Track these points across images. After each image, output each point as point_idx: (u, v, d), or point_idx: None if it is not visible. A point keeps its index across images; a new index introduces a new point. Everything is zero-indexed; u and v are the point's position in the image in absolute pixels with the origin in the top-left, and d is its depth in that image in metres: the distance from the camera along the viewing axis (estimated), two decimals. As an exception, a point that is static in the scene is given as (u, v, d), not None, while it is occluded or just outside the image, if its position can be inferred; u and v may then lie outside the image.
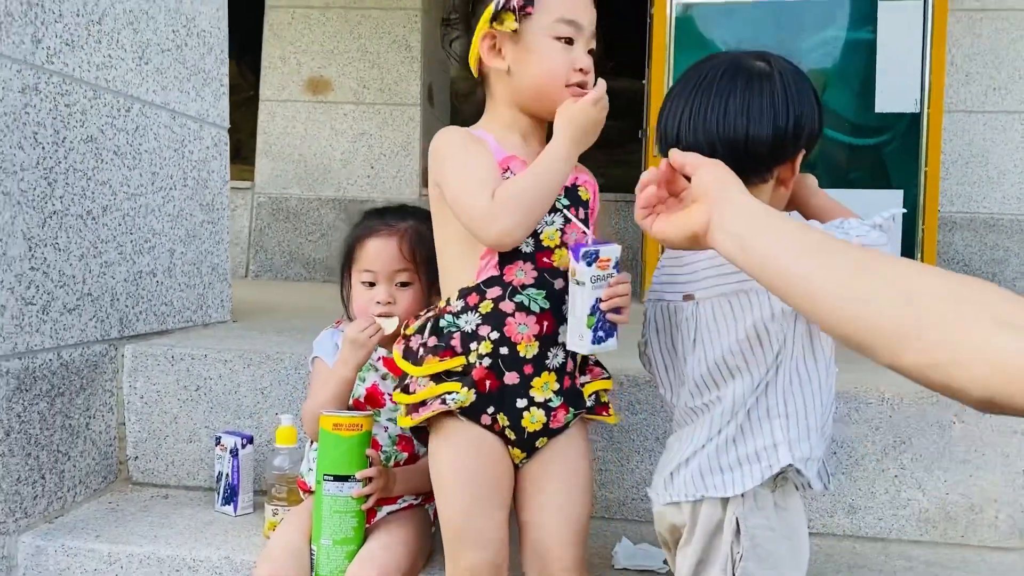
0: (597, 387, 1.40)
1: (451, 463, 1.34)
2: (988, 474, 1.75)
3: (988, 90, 4.49)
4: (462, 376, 1.33)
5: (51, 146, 1.71)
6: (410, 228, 1.61)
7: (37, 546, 1.62)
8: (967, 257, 4.52)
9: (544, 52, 1.33)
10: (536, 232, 1.34)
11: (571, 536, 1.36)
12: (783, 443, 1.17)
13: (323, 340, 1.70)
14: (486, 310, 1.33)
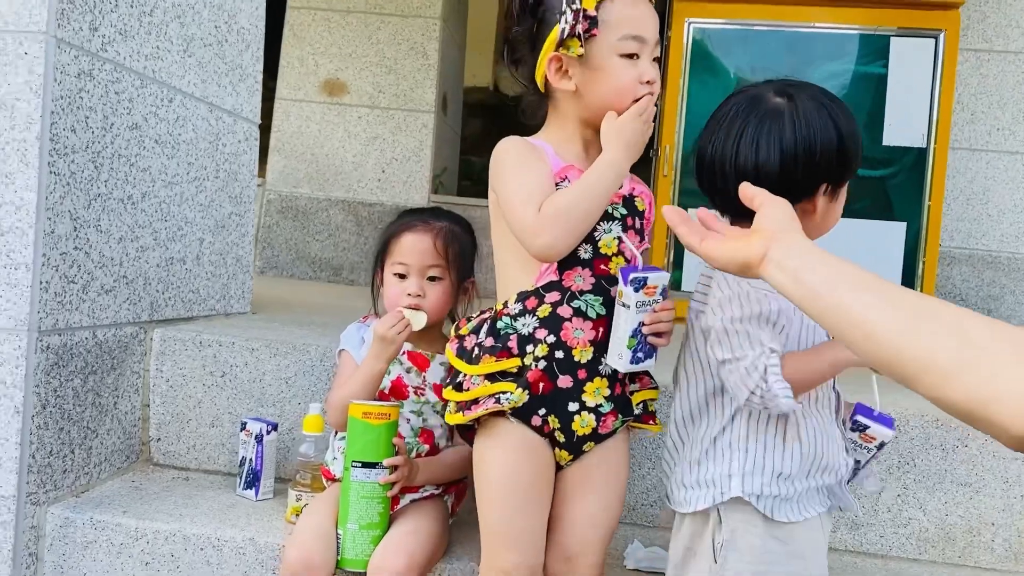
0: (646, 396, 1.46)
1: (499, 464, 1.37)
2: (987, 498, 1.81)
3: (992, 130, 4.57)
4: (516, 377, 1.36)
5: (100, 131, 1.76)
6: (445, 227, 1.68)
7: (66, 518, 1.67)
8: (964, 292, 4.60)
9: (611, 71, 1.37)
10: (595, 239, 1.38)
11: (599, 542, 1.42)
12: (737, 475, 1.25)
13: (350, 333, 1.75)
14: (544, 314, 1.37)
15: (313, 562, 1.45)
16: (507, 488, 1.37)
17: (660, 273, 1.32)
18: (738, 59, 3.99)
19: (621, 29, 1.36)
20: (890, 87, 3.92)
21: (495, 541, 1.38)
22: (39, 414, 1.64)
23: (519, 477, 1.37)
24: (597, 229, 1.38)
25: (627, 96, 1.37)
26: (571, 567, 1.40)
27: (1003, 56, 4.56)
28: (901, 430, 1.82)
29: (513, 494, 1.37)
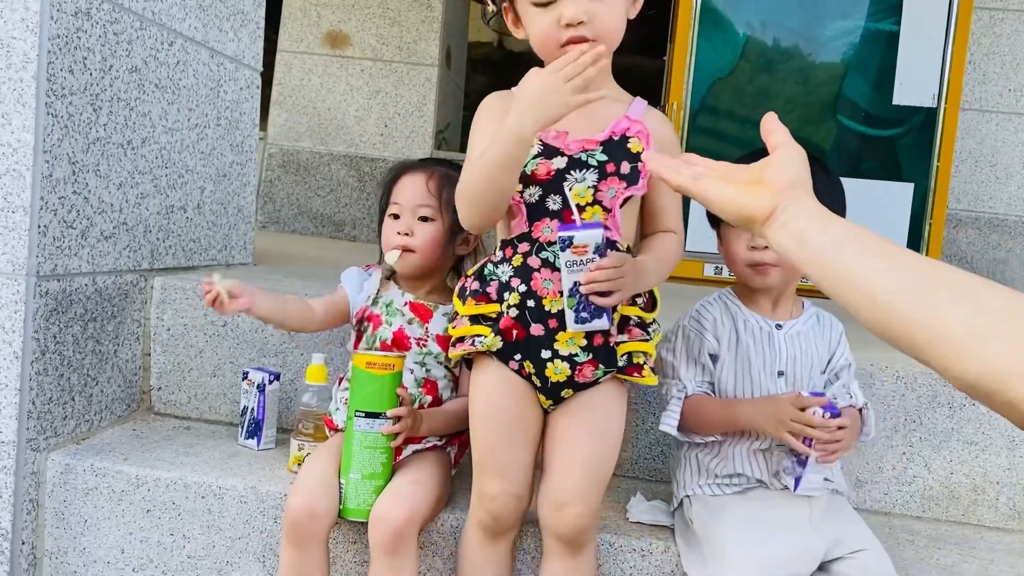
0: (632, 348, 1.42)
1: (483, 398, 1.43)
2: (994, 457, 1.80)
3: (1004, 91, 4.51)
4: (493, 322, 1.40)
5: (98, 73, 1.72)
6: (441, 170, 1.66)
7: (66, 464, 1.66)
8: (970, 256, 4.57)
9: (530, 20, 1.36)
10: (563, 190, 1.36)
11: (588, 487, 1.40)
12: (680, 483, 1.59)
13: (351, 275, 1.74)
14: (517, 263, 1.39)
15: (317, 510, 1.45)
16: (489, 420, 1.43)
17: (590, 231, 1.29)
18: (748, 16, 3.91)
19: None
20: (901, 45, 3.85)
21: (480, 470, 1.44)
22: (38, 360, 1.62)
23: (500, 410, 1.42)
24: (567, 179, 1.36)
25: (549, 42, 1.33)
26: (560, 515, 1.39)
27: (1017, 16, 4.48)
28: (908, 388, 1.80)
29: (495, 426, 1.42)
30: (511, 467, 1.42)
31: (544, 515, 1.43)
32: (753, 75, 3.92)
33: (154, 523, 1.64)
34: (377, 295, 1.68)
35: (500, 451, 1.42)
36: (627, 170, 1.38)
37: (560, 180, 1.37)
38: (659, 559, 1.53)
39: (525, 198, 1.39)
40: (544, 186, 1.38)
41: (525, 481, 1.43)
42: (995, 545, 1.71)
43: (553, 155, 1.38)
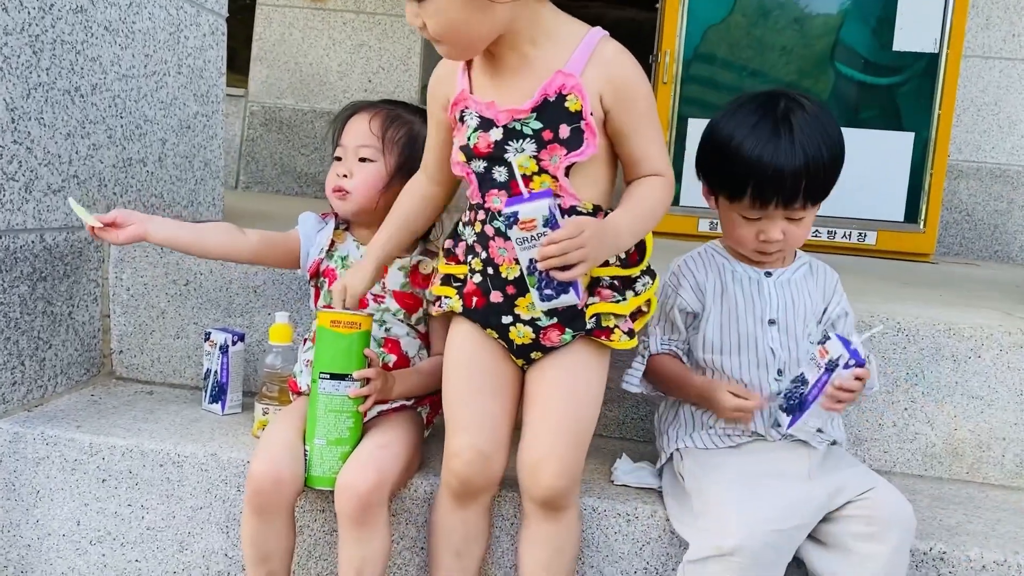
0: (601, 309, 1.33)
1: (453, 352, 1.39)
2: (999, 412, 1.70)
3: (1008, 36, 4.37)
4: (459, 286, 1.36)
5: (37, 11, 1.59)
6: (389, 110, 1.57)
7: (15, 433, 1.56)
8: (970, 207, 4.46)
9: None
10: (507, 162, 1.28)
11: (563, 447, 1.32)
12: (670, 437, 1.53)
13: (308, 218, 1.65)
14: (477, 230, 1.34)
15: (282, 476, 1.35)
16: (459, 373, 1.38)
17: (535, 203, 1.18)
18: (743, -38, 3.77)
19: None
20: (902, -12, 3.71)
21: (449, 423, 1.37)
22: (-19, 322, 1.52)
23: (469, 361, 1.37)
24: (507, 150, 1.28)
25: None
26: (536, 476, 1.31)
27: (1022, -43, 4.33)
28: (910, 340, 1.70)
29: (463, 375, 1.37)
30: (478, 419, 1.34)
31: (521, 477, 1.34)
32: (748, 23, 3.77)
33: (110, 493, 1.54)
34: (331, 248, 1.57)
35: (468, 402, 1.35)
36: (566, 134, 1.26)
37: (501, 152, 1.28)
38: (645, 524, 1.44)
39: (473, 168, 1.32)
40: (487, 159, 1.30)
41: (494, 438, 1.34)
42: (1001, 504, 1.62)
43: (489, 127, 1.29)
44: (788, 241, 1.43)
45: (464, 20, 1.20)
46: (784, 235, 1.42)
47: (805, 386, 1.37)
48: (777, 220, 1.41)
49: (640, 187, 1.32)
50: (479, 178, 1.32)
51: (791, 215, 1.41)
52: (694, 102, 3.72)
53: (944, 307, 1.92)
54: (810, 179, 1.37)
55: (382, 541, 1.36)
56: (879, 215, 3.74)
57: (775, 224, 1.41)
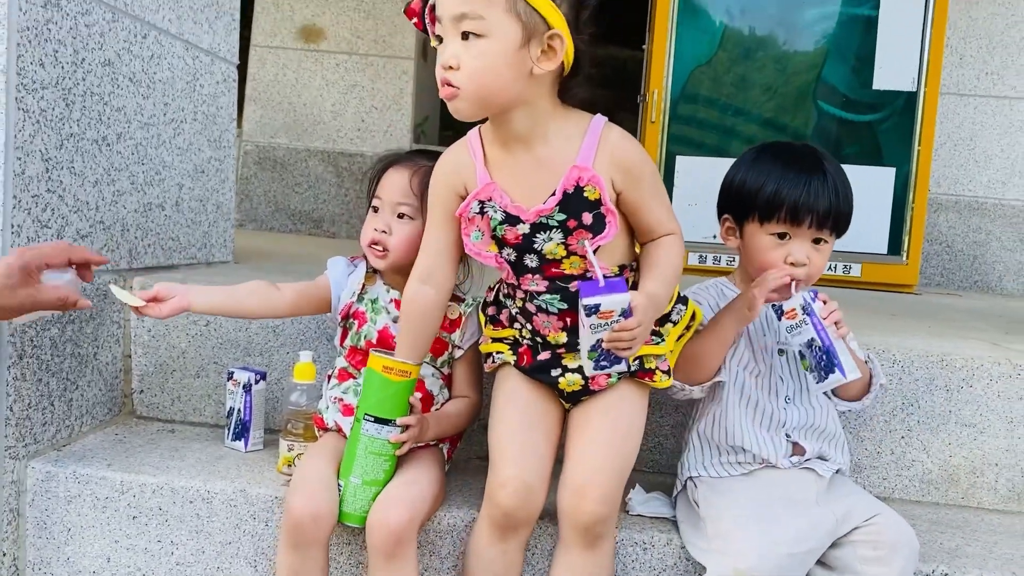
0: (643, 352, 1.41)
1: (504, 395, 1.48)
2: (991, 438, 1.79)
3: (981, 74, 4.52)
4: (513, 345, 1.49)
5: (70, 66, 1.66)
6: (427, 167, 1.57)
7: (47, 472, 1.60)
8: (951, 239, 4.58)
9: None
10: (537, 250, 1.37)
11: (607, 475, 1.39)
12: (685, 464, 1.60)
13: (338, 263, 1.70)
14: (519, 306, 1.45)
15: (320, 512, 1.40)
16: (508, 411, 1.46)
17: (617, 296, 1.26)
18: (726, 3, 3.90)
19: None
20: (880, 30, 3.85)
21: (497, 456, 1.43)
22: (15, 364, 1.56)
23: (518, 399, 1.46)
24: (536, 240, 1.36)
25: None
26: (579, 499, 1.38)
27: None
28: (905, 371, 1.79)
29: (512, 415, 1.45)
30: (525, 453, 1.41)
31: (563, 503, 1.40)
32: (732, 62, 3.90)
33: (140, 530, 1.59)
34: (362, 291, 1.63)
35: (517, 437, 1.42)
36: (589, 220, 1.35)
37: (530, 242, 1.37)
38: (661, 552, 1.50)
39: (505, 256, 1.41)
40: (517, 247, 1.38)
41: (539, 472, 1.41)
42: (996, 527, 1.70)
43: (516, 222, 1.37)
44: (812, 269, 1.52)
45: (499, 73, 1.26)
46: (809, 260, 1.51)
47: (815, 343, 1.43)
48: (805, 242, 1.50)
49: (659, 250, 1.41)
50: (512, 265, 1.41)
51: (818, 236, 1.51)
52: (682, 140, 3.83)
53: (934, 338, 2.00)
54: (838, 209, 1.50)
55: (412, 573, 1.41)
56: (863, 248, 3.85)
57: (803, 245, 1.50)
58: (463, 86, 1.27)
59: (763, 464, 1.52)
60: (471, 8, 1.24)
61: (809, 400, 1.55)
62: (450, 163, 1.43)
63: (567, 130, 1.37)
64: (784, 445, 1.52)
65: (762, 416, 1.53)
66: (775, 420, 1.53)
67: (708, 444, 1.57)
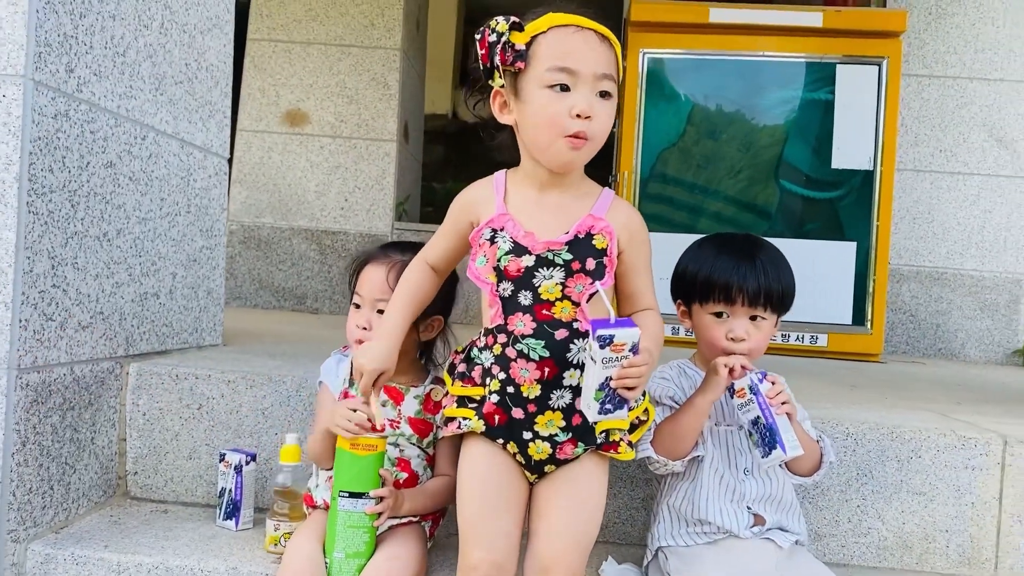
0: (608, 425, 1.49)
1: (469, 472, 1.51)
2: (941, 506, 1.90)
3: (935, 151, 4.76)
4: (477, 406, 1.48)
5: (76, 170, 1.79)
6: (401, 262, 1.69)
7: (47, 554, 1.68)
8: (914, 308, 4.76)
9: (537, 102, 1.41)
10: (534, 286, 1.45)
11: (571, 553, 1.47)
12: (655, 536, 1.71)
13: (328, 366, 1.80)
14: (497, 352, 1.48)
15: (308, 587, 1.49)
16: (475, 491, 1.50)
17: (630, 330, 1.33)
18: (692, 87, 4.12)
19: (548, 61, 1.39)
20: (837, 112, 4.07)
21: (465, 539, 1.49)
22: (19, 451, 1.66)
23: (485, 482, 1.49)
24: (536, 276, 1.44)
25: (553, 127, 1.39)
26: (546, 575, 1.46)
27: (942, 81, 4.76)
28: (858, 443, 1.91)
29: (480, 496, 1.49)
30: (494, 536, 1.47)
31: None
32: (698, 144, 4.10)
33: (136, 609, 1.66)
34: (352, 378, 1.74)
35: (484, 520, 1.47)
36: (592, 266, 1.46)
37: (530, 277, 1.45)
38: (632, 621, 1.60)
39: (500, 292, 1.48)
40: (515, 282, 1.46)
41: (508, 550, 1.47)
42: (947, 591, 1.80)
43: (522, 253, 1.46)
44: (752, 344, 1.64)
45: (608, 131, 1.44)
46: (748, 336, 1.64)
47: (760, 421, 1.54)
48: (742, 319, 1.64)
49: (646, 319, 1.51)
50: (504, 302, 1.47)
51: (754, 314, 1.64)
52: (652, 218, 4.00)
53: (888, 410, 2.13)
54: (768, 288, 1.64)
55: (396, 645, 1.50)
56: (829, 319, 4.01)
57: (741, 322, 1.64)
58: (595, 137, 1.41)
59: (726, 534, 1.62)
60: (612, 71, 1.42)
61: (766, 472, 1.66)
62: (471, 194, 1.56)
63: (585, 187, 1.52)
64: (746, 516, 1.63)
65: (725, 488, 1.64)
66: (737, 492, 1.64)
67: (677, 516, 1.67)
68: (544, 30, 1.41)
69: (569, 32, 1.41)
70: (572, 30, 1.41)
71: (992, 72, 4.78)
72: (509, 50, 1.41)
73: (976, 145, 4.76)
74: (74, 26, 1.76)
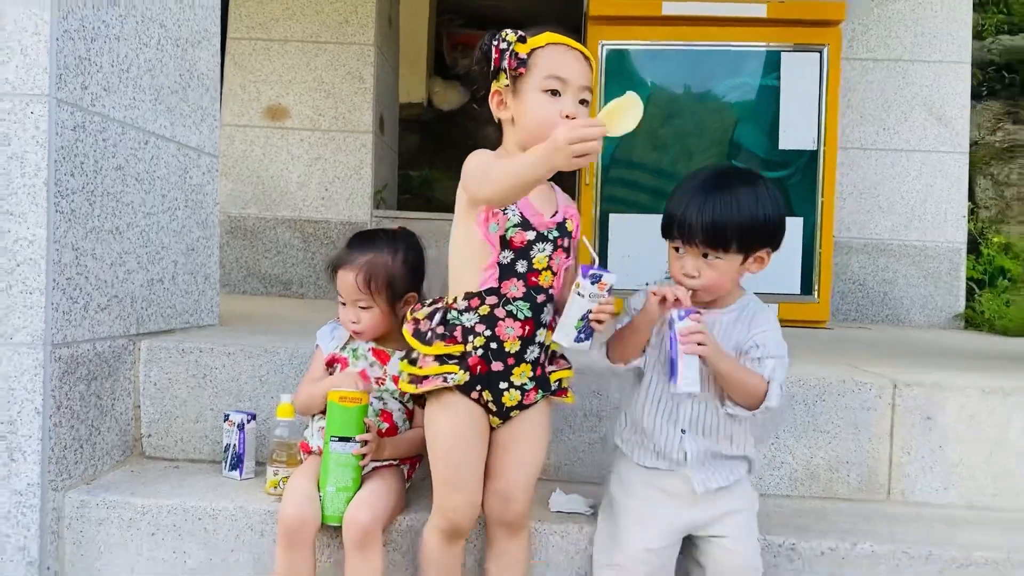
0: (561, 375, 1.82)
1: (447, 426, 1.75)
2: (843, 442, 2.23)
3: (879, 130, 5.07)
4: (460, 360, 1.73)
5: (92, 173, 2.08)
6: (366, 263, 1.96)
7: (81, 500, 1.98)
8: (862, 278, 5.08)
9: (535, 103, 1.70)
10: (530, 257, 1.73)
11: (527, 487, 1.79)
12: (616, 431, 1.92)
13: (324, 332, 2.09)
14: (484, 312, 1.73)
15: (306, 517, 1.80)
16: (453, 445, 1.75)
17: (611, 274, 1.64)
18: (649, 76, 4.41)
19: (545, 70, 1.69)
20: (783, 97, 4.37)
21: (444, 486, 1.76)
22: (55, 414, 1.95)
23: (462, 436, 1.74)
24: (533, 248, 1.72)
25: (548, 126, 1.61)
26: (507, 506, 1.77)
27: (885, 64, 5.07)
28: (772, 391, 2.23)
29: (457, 449, 1.75)
30: (471, 481, 1.75)
31: (492, 509, 1.79)
32: (656, 130, 4.39)
33: (159, 544, 1.96)
34: (346, 342, 2.04)
35: (463, 470, 1.74)
36: (566, 244, 1.78)
37: (528, 249, 1.72)
38: (575, 537, 1.92)
39: (500, 260, 1.71)
40: (516, 252, 1.72)
41: (478, 491, 1.77)
42: (845, 511, 2.13)
43: (528, 228, 1.72)
44: (703, 280, 1.74)
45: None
46: (699, 273, 1.74)
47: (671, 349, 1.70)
48: (694, 256, 1.74)
49: None
50: (502, 268, 1.70)
51: (706, 252, 1.72)
52: (614, 200, 4.30)
53: (804, 364, 2.45)
54: (709, 226, 1.69)
55: (378, 561, 1.81)
56: (780, 289, 4.32)
57: (690, 259, 1.74)
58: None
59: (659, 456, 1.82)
60: (590, 84, 1.70)
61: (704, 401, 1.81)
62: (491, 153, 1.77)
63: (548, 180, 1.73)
64: (678, 437, 1.79)
65: (663, 408, 1.81)
66: (673, 414, 1.80)
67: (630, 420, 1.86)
68: (542, 45, 1.71)
69: (562, 49, 1.71)
70: (564, 48, 1.72)
71: (931, 54, 5.08)
72: (514, 58, 1.70)
73: (917, 123, 5.07)
74: (87, 49, 2.04)
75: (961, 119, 5.09)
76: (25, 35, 1.90)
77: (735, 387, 1.74)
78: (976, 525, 2.08)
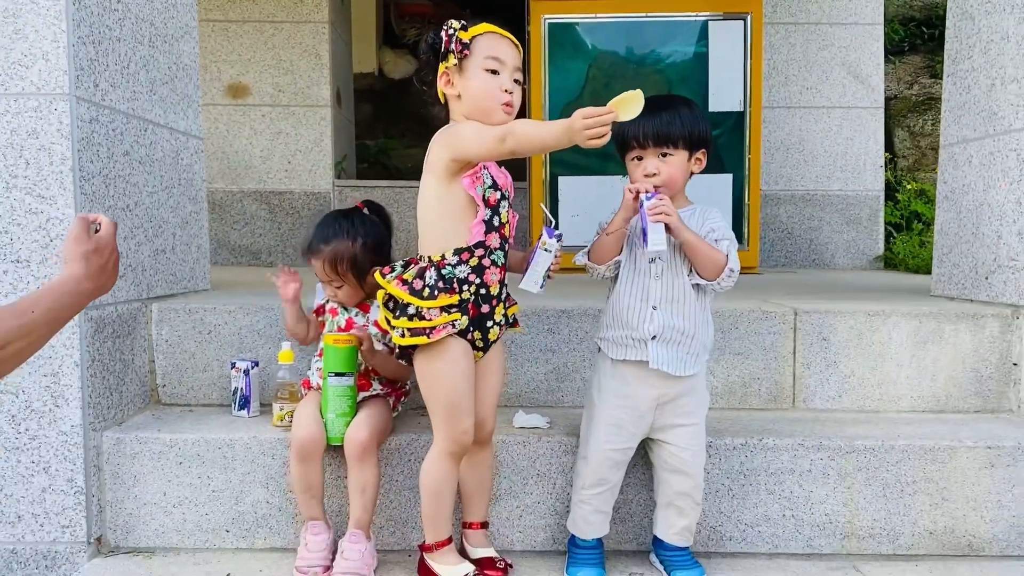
0: (515, 310, 2.19)
1: (453, 365, 2.00)
2: (755, 361, 2.67)
3: (802, 89, 5.50)
4: (460, 307, 1.99)
5: (105, 159, 2.40)
6: (330, 252, 2.28)
7: (117, 438, 2.34)
8: (790, 227, 5.53)
9: (478, 79, 1.98)
10: (500, 212, 2.05)
11: (495, 405, 2.18)
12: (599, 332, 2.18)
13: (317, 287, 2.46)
14: (474, 263, 2.03)
15: (315, 436, 2.19)
16: (458, 379, 2.01)
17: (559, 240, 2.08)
18: (589, 47, 4.76)
19: (485, 51, 2.01)
20: (711, 63, 4.76)
21: (454, 414, 2.01)
22: (90, 366, 2.30)
23: (464, 371, 2.02)
24: (500, 205, 2.05)
25: (491, 97, 1.95)
26: (481, 425, 2.16)
27: (806, 27, 5.48)
28: (695, 322, 2.65)
29: (462, 383, 2.02)
30: (471, 408, 2.06)
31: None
32: (596, 96, 4.74)
33: (185, 471, 2.33)
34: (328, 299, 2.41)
35: (467, 398, 2.02)
36: (511, 201, 2.14)
37: (498, 206, 2.05)
38: (535, 446, 2.33)
39: (482, 216, 1.99)
40: (492, 209, 2.00)
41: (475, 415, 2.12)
42: (757, 418, 2.57)
43: (496, 189, 2.01)
44: (663, 176, 2.05)
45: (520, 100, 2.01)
46: (659, 170, 2.05)
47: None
48: (653, 158, 2.06)
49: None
50: (486, 224, 1.98)
51: (664, 152, 2.05)
52: (562, 163, 4.68)
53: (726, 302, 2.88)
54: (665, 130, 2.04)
55: (374, 471, 2.20)
56: (714, 239, 4.75)
57: (651, 160, 2.06)
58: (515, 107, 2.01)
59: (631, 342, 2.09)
60: (520, 66, 2.01)
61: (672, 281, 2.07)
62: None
63: None
64: (649, 313, 2.06)
65: (636, 288, 2.09)
66: (644, 291, 2.08)
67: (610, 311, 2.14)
68: (481, 33, 2.03)
69: (497, 37, 2.04)
70: (499, 36, 2.04)
71: (847, 17, 5.51)
72: (458, 43, 2.02)
73: (837, 82, 5.51)
74: (96, 51, 2.35)
75: (876, 76, 5.53)
76: (46, 43, 2.21)
77: (698, 254, 2.04)
78: (862, 424, 2.53)
